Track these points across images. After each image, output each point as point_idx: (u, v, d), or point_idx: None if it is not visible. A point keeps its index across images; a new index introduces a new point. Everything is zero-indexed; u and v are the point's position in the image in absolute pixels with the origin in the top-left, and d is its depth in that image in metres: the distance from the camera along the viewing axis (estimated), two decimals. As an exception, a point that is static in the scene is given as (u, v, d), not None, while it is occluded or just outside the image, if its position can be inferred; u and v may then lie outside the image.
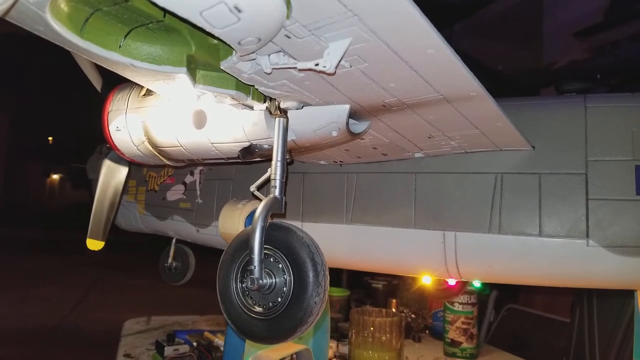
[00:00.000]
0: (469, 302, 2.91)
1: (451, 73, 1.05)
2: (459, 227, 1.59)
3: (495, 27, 6.74)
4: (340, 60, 0.93)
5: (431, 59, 0.98)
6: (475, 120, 1.33)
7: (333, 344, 2.73)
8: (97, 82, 1.80)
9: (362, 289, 3.92)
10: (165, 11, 0.98)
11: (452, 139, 1.47)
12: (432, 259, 1.65)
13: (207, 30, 0.84)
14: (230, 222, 1.85)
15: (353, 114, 1.32)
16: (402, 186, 1.70)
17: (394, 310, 3.00)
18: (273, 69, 1.01)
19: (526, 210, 1.51)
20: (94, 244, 1.94)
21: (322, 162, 1.85)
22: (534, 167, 1.52)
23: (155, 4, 0.78)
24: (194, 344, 2.58)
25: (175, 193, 2.28)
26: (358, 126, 1.38)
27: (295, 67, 0.98)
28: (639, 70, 3.84)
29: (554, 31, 5.70)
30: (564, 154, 1.49)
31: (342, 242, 1.82)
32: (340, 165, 1.83)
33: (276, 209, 1.22)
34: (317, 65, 0.94)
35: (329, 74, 1.00)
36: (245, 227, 1.89)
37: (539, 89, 4.86)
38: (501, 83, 4.99)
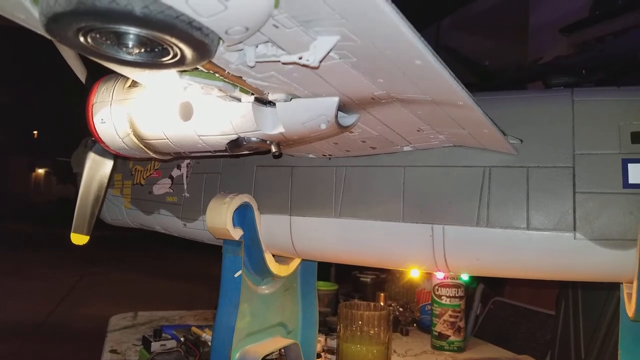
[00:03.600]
0: (457, 295, 2.93)
1: (439, 83, 1.06)
2: (447, 220, 1.59)
3: (483, 22, 6.78)
4: (325, 55, 0.92)
5: (419, 69, 0.98)
6: (463, 122, 1.35)
7: (321, 338, 2.73)
8: (81, 73, 1.76)
9: (351, 282, 3.93)
10: None
11: (441, 133, 1.47)
12: (420, 252, 1.66)
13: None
14: (218, 216, 1.83)
15: (342, 107, 1.31)
16: (390, 180, 1.70)
17: (382, 304, 3.00)
18: (257, 62, 0.99)
19: (514, 203, 1.51)
20: (79, 239, 1.91)
21: (310, 155, 1.83)
22: (521, 161, 1.53)
23: None
24: (181, 339, 2.56)
25: (161, 187, 2.25)
26: (347, 119, 1.37)
27: (279, 61, 0.97)
28: (622, 66, 3.88)
29: (540, 27, 5.75)
30: (552, 148, 1.50)
31: (331, 236, 1.81)
32: (329, 158, 1.82)
33: None
34: (300, 58, 0.93)
35: (312, 68, 0.99)
36: (233, 221, 1.88)
37: (525, 84, 4.91)
38: (488, 77, 5.02)
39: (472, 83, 5.15)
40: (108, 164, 1.93)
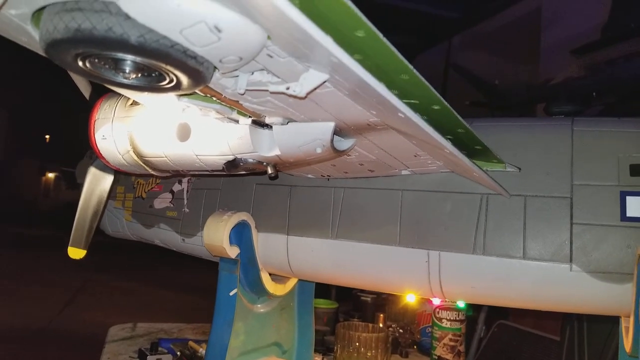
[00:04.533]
0: (457, 319, 2.89)
1: (422, 133, 1.10)
2: (443, 246, 1.58)
3: (494, 41, 6.77)
4: (314, 89, 0.93)
5: (404, 120, 1.01)
6: (452, 165, 1.37)
7: (318, 358, 2.71)
8: (85, 89, 1.79)
9: (351, 301, 3.90)
10: None
11: (438, 159, 1.47)
12: (415, 277, 1.64)
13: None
14: (215, 233, 1.84)
15: (338, 131, 1.32)
16: (388, 203, 1.70)
17: (381, 325, 2.98)
18: (247, 89, 1.00)
19: (511, 232, 1.50)
20: (76, 253, 1.92)
21: (309, 175, 1.84)
22: (519, 189, 1.52)
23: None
24: (178, 353, 2.56)
25: (162, 201, 2.27)
26: (343, 143, 1.37)
27: (267, 90, 0.98)
28: (633, 90, 3.86)
29: (551, 47, 5.73)
30: (550, 177, 1.49)
31: (328, 257, 1.80)
32: (328, 179, 1.82)
33: None
34: (288, 89, 0.94)
35: (300, 98, 1.00)
36: (230, 239, 1.88)
37: (535, 104, 4.89)
38: (498, 97, 5.01)
39: (482, 102, 5.13)
40: (108, 179, 1.94)
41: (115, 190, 2.43)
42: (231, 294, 1.89)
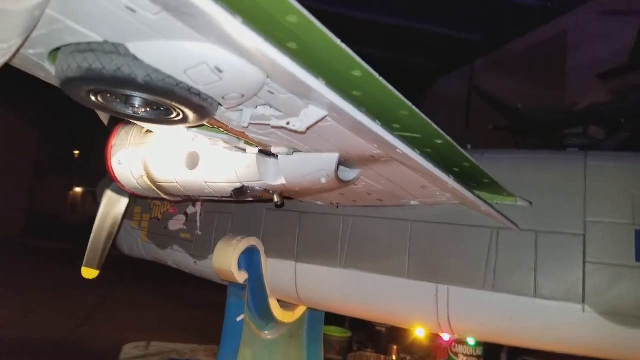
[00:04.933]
0: (474, 354, 2.81)
1: (422, 169, 1.12)
2: (452, 281, 1.55)
3: (518, 64, 6.67)
4: (314, 124, 0.94)
5: (403, 155, 1.05)
6: (459, 197, 1.35)
7: (327, 386, 2.66)
8: (104, 116, 1.84)
9: (365, 331, 3.83)
10: None
11: (445, 191, 1.45)
12: (424, 312, 1.61)
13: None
14: (224, 258, 1.85)
15: (344, 162, 1.32)
16: (397, 233, 1.68)
17: (394, 357, 2.92)
18: (250, 123, 1.02)
19: (521, 268, 1.47)
20: (89, 273, 1.95)
21: (319, 202, 1.84)
22: (530, 224, 1.49)
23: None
24: (187, 376, 2.55)
25: (176, 223, 2.29)
26: (348, 173, 1.37)
27: (269, 124, 0.99)
28: None
29: (577, 71, 5.59)
30: (562, 213, 1.46)
31: (335, 287, 1.79)
32: (337, 207, 1.82)
33: None
34: (288, 124, 0.96)
35: (300, 133, 1.01)
36: (239, 264, 1.89)
37: (560, 129, 4.77)
38: (521, 121, 4.89)
39: (505, 126, 5.03)
40: (123, 202, 1.98)
41: (132, 210, 2.48)
42: (238, 319, 1.89)
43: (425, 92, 8.69)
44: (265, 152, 1.34)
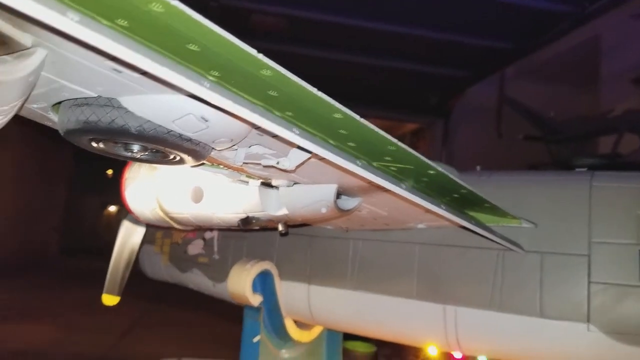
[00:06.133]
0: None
1: (410, 201, 1.16)
2: (459, 301, 1.57)
3: (549, 71, 6.50)
4: (302, 163, 0.99)
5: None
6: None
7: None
8: None
9: (391, 345, 3.82)
10: None
11: (442, 218, 1.48)
12: (432, 331, 1.64)
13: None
14: (238, 282, 1.91)
15: (344, 191, 1.36)
16: (404, 256, 1.71)
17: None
18: (244, 163, 1.08)
19: (527, 289, 1.48)
20: (110, 299, 2.05)
21: (328, 227, 1.88)
22: (535, 246, 1.49)
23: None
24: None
25: (195, 247, 2.37)
26: (349, 202, 1.41)
27: (260, 164, 1.05)
28: None
29: (611, 77, 5.40)
30: (567, 234, 1.46)
31: (347, 308, 1.83)
32: (347, 230, 1.86)
33: None
34: (277, 163, 1.01)
35: (289, 172, 1.06)
36: (254, 287, 1.95)
37: (593, 137, 4.64)
38: (553, 130, 4.77)
39: (536, 136, 4.91)
40: (139, 232, 2.07)
41: (154, 235, 2.57)
42: (254, 340, 1.94)
43: (456, 102, 8.61)
44: (267, 184, 1.40)
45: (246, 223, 1.49)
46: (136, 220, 1.95)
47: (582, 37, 6.20)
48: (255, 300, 1.93)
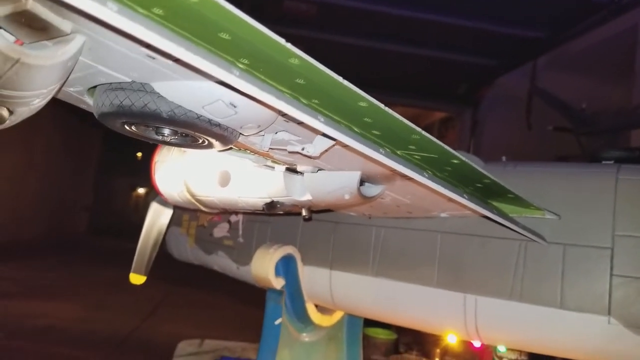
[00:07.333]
0: (519, 358, 2.79)
1: (433, 190, 1.17)
2: (480, 291, 1.58)
3: (582, 62, 6.33)
4: (327, 150, 1.01)
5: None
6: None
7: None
8: None
9: (412, 332, 3.85)
10: None
11: (465, 208, 1.48)
12: (452, 320, 1.65)
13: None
14: (262, 265, 1.96)
15: (367, 178, 1.38)
16: (426, 244, 1.72)
17: None
18: (270, 148, 1.11)
19: (548, 280, 1.47)
20: (137, 278, 2.12)
21: (352, 213, 1.91)
22: (558, 237, 1.49)
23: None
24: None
25: (220, 230, 2.43)
26: (372, 189, 1.43)
27: (286, 150, 1.07)
28: None
29: None
30: (591, 226, 1.45)
31: (367, 294, 1.85)
32: (370, 218, 1.88)
33: None
34: (303, 149, 1.03)
35: (314, 158, 1.08)
36: (277, 270, 1.99)
37: (624, 131, 4.53)
38: (583, 123, 4.67)
39: (566, 128, 4.82)
40: (167, 213, 2.13)
41: (181, 218, 2.65)
42: (276, 323, 1.99)
43: (485, 92, 8.47)
44: (292, 170, 1.43)
45: (271, 207, 1.52)
46: (164, 202, 2.01)
47: (617, 28, 6.00)
48: (278, 283, 1.97)
